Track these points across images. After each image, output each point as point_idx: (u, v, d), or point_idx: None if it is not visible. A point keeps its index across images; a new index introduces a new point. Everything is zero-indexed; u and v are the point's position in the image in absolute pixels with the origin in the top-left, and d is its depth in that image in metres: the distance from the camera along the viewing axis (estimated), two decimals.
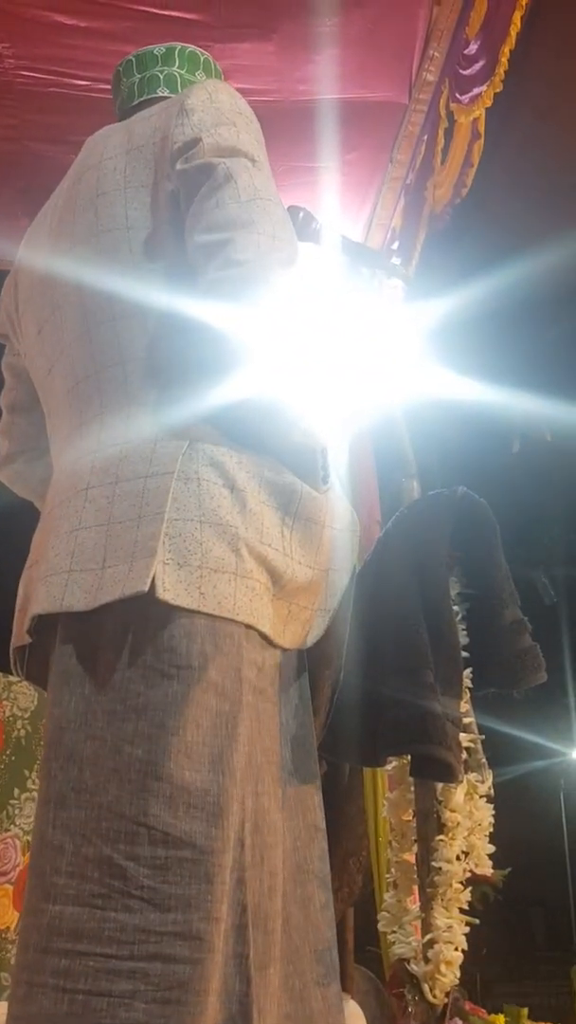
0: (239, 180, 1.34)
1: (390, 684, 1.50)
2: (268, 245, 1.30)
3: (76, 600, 1.27)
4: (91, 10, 2.51)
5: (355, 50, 2.74)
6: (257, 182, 1.36)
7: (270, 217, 1.33)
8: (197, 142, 1.37)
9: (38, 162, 2.90)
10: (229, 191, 1.33)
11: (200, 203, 1.35)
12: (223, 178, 1.34)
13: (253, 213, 1.32)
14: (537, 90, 2.75)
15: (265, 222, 1.32)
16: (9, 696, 3.83)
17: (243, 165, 1.36)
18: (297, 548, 1.36)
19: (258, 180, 1.36)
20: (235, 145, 1.38)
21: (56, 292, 1.50)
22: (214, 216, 1.32)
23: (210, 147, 1.37)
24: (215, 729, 1.23)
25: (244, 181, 1.34)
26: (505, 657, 1.57)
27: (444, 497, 1.63)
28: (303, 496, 1.35)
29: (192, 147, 1.37)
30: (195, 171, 1.36)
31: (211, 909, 1.16)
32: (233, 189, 1.33)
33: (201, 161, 1.36)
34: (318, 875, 1.42)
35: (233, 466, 1.31)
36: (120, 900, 1.16)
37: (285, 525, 1.34)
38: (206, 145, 1.37)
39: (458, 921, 1.56)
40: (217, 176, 1.34)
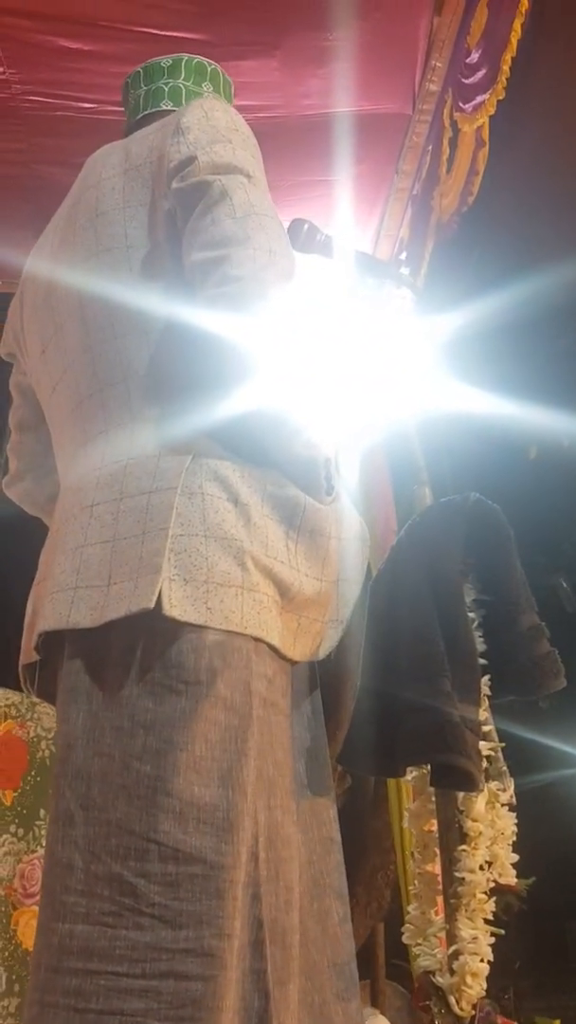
0: (234, 197, 1.35)
1: (407, 693, 1.49)
2: (264, 260, 1.30)
3: (82, 617, 1.28)
4: (94, 33, 2.54)
5: (358, 63, 2.75)
6: (253, 198, 1.36)
7: (266, 232, 1.33)
8: (192, 160, 1.38)
9: (46, 185, 2.93)
10: (225, 208, 1.34)
11: (196, 220, 1.35)
12: (218, 195, 1.35)
13: (249, 229, 1.32)
14: (541, 96, 2.74)
15: (261, 237, 1.32)
16: (33, 716, 3.83)
17: (238, 182, 1.37)
18: (303, 560, 1.35)
19: (254, 196, 1.37)
20: (230, 162, 1.39)
21: (59, 311, 1.51)
22: (210, 233, 1.33)
23: (205, 165, 1.37)
24: (224, 744, 1.23)
25: (240, 197, 1.35)
26: (523, 663, 1.56)
27: (456, 504, 1.63)
28: (307, 508, 1.35)
29: (188, 165, 1.38)
30: (191, 189, 1.37)
31: (223, 925, 1.16)
32: (228, 206, 1.34)
33: (196, 179, 1.37)
34: (335, 888, 1.41)
35: (236, 480, 1.31)
36: (131, 918, 1.16)
37: (290, 538, 1.34)
38: (201, 163, 1.37)
39: (483, 932, 1.55)
40: (212, 193, 1.35)
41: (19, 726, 3.73)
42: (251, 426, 1.33)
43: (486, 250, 3.31)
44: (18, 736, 3.73)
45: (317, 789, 1.44)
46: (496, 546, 1.61)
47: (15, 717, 3.73)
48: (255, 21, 2.59)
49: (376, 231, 3.40)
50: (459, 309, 2.56)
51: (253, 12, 2.55)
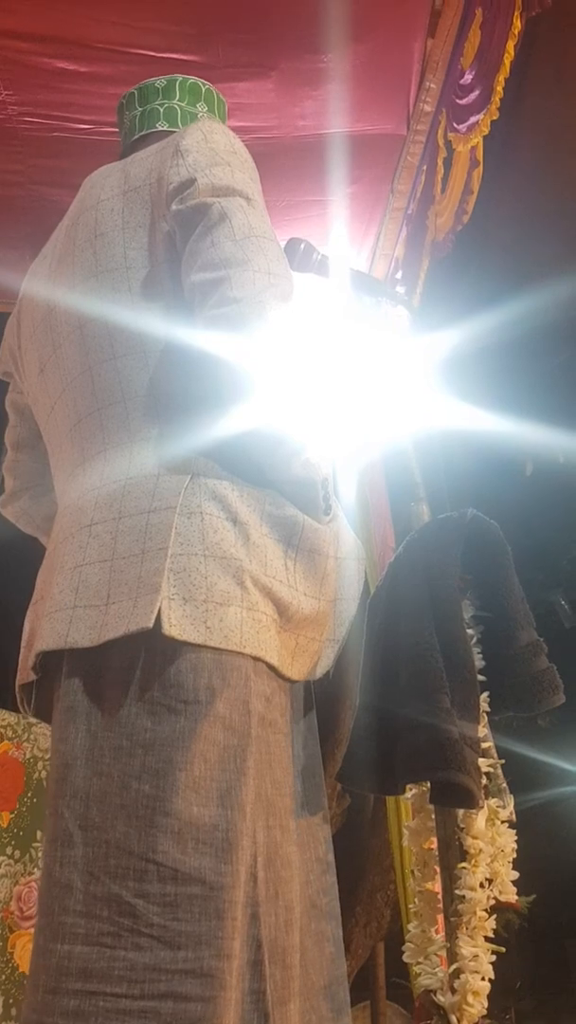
0: (234, 219, 1.36)
1: (406, 710, 1.49)
2: (264, 282, 1.31)
3: (81, 636, 1.28)
4: (91, 55, 2.55)
5: (352, 84, 2.77)
6: (252, 220, 1.37)
7: (265, 254, 1.34)
8: (192, 182, 1.39)
9: (44, 205, 2.94)
10: (224, 230, 1.35)
11: (196, 242, 1.36)
12: (218, 217, 1.36)
13: (248, 251, 1.33)
14: (534, 116, 2.77)
15: (260, 259, 1.33)
16: (30, 737, 3.81)
17: (238, 204, 1.38)
18: (302, 580, 1.36)
19: (253, 218, 1.38)
20: (230, 184, 1.39)
21: (57, 331, 1.52)
22: (210, 255, 1.34)
23: (205, 187, 1.38)
24: (223, 763, 1.23)
25: (239, 220, 1.36)
26: (521, 679, 1.56)
27: (453, 520, 1.63)
28: (305, 528, 1.35)
29: (187, 187, 1.39)
30: (190, 211, 1.38)
31: (222, 946, 1.15)
32: (228, 228, 1.35)
33: (196, 201, 1.38)
34: (328, 910, 1.41)
35: (235, 500, 1.32)
36: (130, 938, 1.15)
37: (288, 557, 1.34)
38: (201, 185, 1.38)
39: (484, 950, 1.54)
40: (212, 215, 1.36)
41: (15, 747, 3.71)
42: (249, 446, 1.34)
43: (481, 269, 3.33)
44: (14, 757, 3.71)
45: (313, 809, 1.43)
46: (494, 562, 1.61)
47: (11, 738, 3.71)
48: (251, 43, 2.60)
49: (372, 250, 3.41)
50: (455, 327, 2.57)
51: (249, 34, 2.57)
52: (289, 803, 1.34)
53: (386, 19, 2.63)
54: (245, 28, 2.55)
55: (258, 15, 2.53)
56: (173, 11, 2.50)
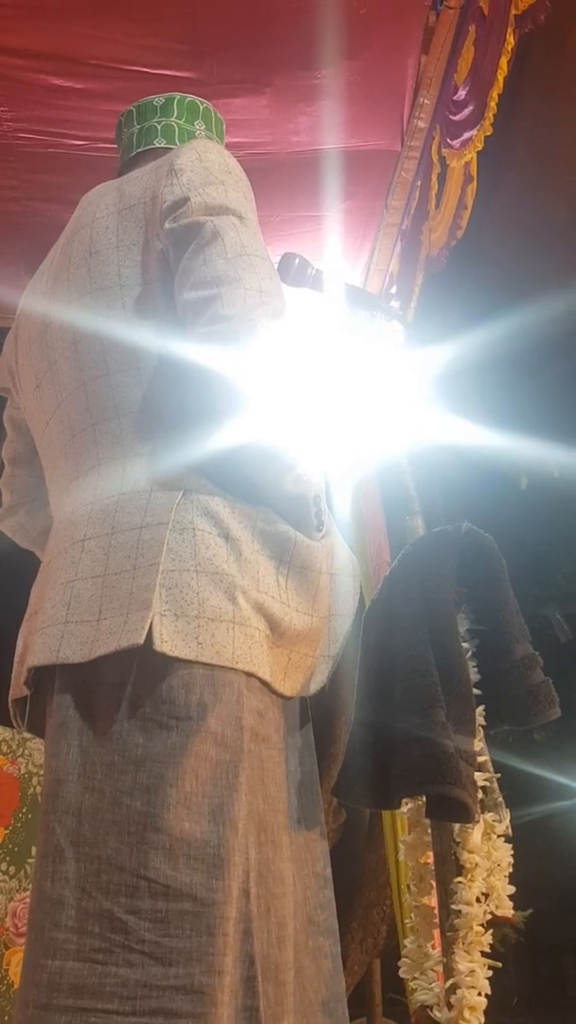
0: (226, 237, 1.36)
1: (401, 724, 1.49)
2: (255, 300, 1.32)
3: (72, 652, 1.28)
4: (85, 72, 2.56)
5: (346, 101, 2.79)
6: (244, 238, 1.38)
7: (257, 272, 1.35)
8: (185, 201, 1.40)
9: (39, 221, 2.95)
10: (216, 248, 1.35)
11: (188, 261, 1.37)
12: (210, 236, 1.36)
13: (240, 269, 1.34)
14: (528, 132, 2.79)
15: (252, 277, 1.34)
16: (24, 753, 3.80)
17: (230, 223, 1.38)
18: (294, 596, 1.36)
19: (245, 237, 1.38)
20: (223, 203, 1.40)
21: (53, 348, 1.52)
22: (202, 273, 1.34)
23: (198, 206, 1.39)
24: (215, 779, 1.23)
25: (231, 238, 1.36)
26: (517, 693, 1.56)
27: (448, 533, 1.63)
28: (297, 544, 1.36)
29: (180, 206, 1.40)
30: (183, 230, 1.39)
31: (213, 962, 1.15)
32: (220, 246, 1.35)
33: (189, 220, 1.38)
34: (326, 925, 1.41)
35: (227, 516, 1.32)
36: (121, 954, 1.15)
37: (280, 574, 1.35)
38: (194, 204, 1.39)
39: (481, 965, 1.53)
40: (204, 234, 1.37)
41: (10, 762, 3.70)
42: (241, 463, 1.34)
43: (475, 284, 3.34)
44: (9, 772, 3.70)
45: (309, 824, 1.43)
46: (489, 576, 1.61)
47: (6, 753, 3.70)
48: (245, 60, 2.62)
49: (366, 265, 3.42)
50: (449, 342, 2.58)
51: (243, 51, 2.59)
52: (282, 819, 1.34)
53: (380, 36, 2.65)
54: (239, 45, 2.57)
55: (252, 32, 2.55)
56: (168, 28, 2.51)
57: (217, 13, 2.49)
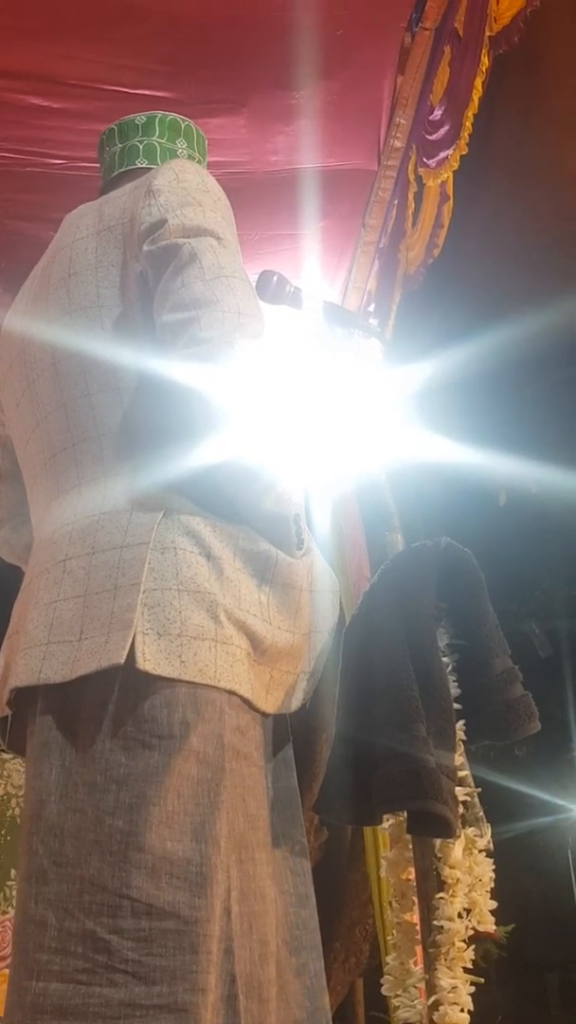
0: (203, 259, 1.37)
1: (382, 739, 1.49)
2: (233, 321, 1.32)
3: (54, 672, 1.28)
4: (64, 92, 2.57)
5: (324, 121, 2.81)
6: (222, 260, 1.38)
7: (234, 294, 1.35)
8: (163, 223, 1.40)
9: (18, 239, 2.95)
10: (194, 270, 1.36)
11: (167, 283, 1.37)
12: (188, 258, 1.37)
13: (217, 291, 1.34)
14: (503, 151, 2.82)
15: (229, 299, 1.34)
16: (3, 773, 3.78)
17: (208, 244, 1.39)
18: (276, 614, 1.36)
19: (223, 258, 1.39)
20: (200, 224, 1.40)
21: (32, 368, 1.53)
22: (180, 295, 1.35)
23: (175, 228, 1.39)
24: (197, 798, 1.23)
25: (209, 260, 1.37)
26: (497, 707, 1.56)
27: (427, 548, 1.64)
28: (279, 563, 1.36)
29: (158, 228, 1.40)
30: (161, 252, 1.39)
31: (197, 980, 1.14)
32: (198, 268, 1.36)
33: (166, 242, 1.39)
34: (309, 942, 1.40)
35: (208, 535, 1.32)
36: (105, 974, 1.15)
37: (262, 592, 1.35)
38: (171, 226, 1.39)
39: (463, 981, 1.53)
40: (182, 256, 1.37)
41: None
42: (221, 482, 1.35)
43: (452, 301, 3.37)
44: None
45: (290, 842, 1.43)
46: (468, 590, 1.62)
47: None
48: (223, 80, 2.64)
49: (344, 284, 3.45)
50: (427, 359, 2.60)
51: (221, 71, 2.61)
52: (263, 836, 1.34)
53: (356, 57, 2.67)
54: (217, 65, 2.59)
55: (230, 52, 2.56)
56: (146, 48, 2.53)
57: (195, 34, 2.51)
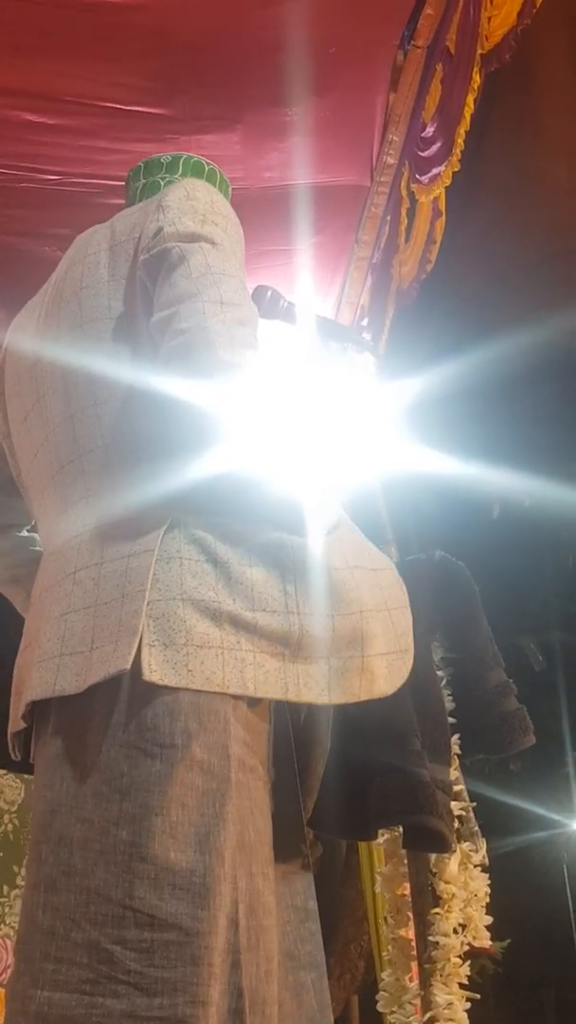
0: (191, 260, 1.37)
1: (377, 754, 1.48)
2: (212, 310, 1.30)
3: (68, 684, 1.28)
4: (58, 108, 2.59)
5: (317, 137, 2.83)
6: (211, 260, 1.38)
7: (218, 287, 1.34)
8: (159, 231, 1.41)
9: (12, 255, 2.96)
10: (181, 270, 1.36)
11: (159, 287, 1.38)
12: (176, 260, 1.37)
13: (200, 285, 1.33)
14: (495, 167, 2.84)
15: (211, 291, 1.33)
16: None
17: (199, 247, 1.39)
18: (305, 601, 1.32)
19: (212, 258, 1.38)
20: (194, 231, 1.41)
21: (42, 382, 1.54)
22: (166, 295, 1.35)
23: (170, 235, 1.40)
24: (201, 808, 1.22)
25: (196, 260, 1.37)
26: (491, 721, 1.56)
27: (421, 562, 1.64)
28: (295, 548, 1.33)
29: (155, 236, 1.41)
30: (154, 258, 1.40)
31: (198, 992, 1.14)
32: (185, 268, 1.36)
33: (159, 248, 1.40)
34: (310, 958, 1.39)
35: (214, 540, 1.32)
36: (108, 985, 1.14)
37: (287, 581, 1.32)
38: (166, 233, 1.40)
39: (459, 997, 1.52)
40: (172, 259, 1.38)
41: None
42: (229, 486, 1.34)
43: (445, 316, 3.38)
44: None
45: (291, 857, 1.42)
46: (462, 603, 1.62)
47: None
48: (217, 97, 2.65)
49: (337, 299, 3.46)
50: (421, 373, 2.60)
51: (215, 89, 2.62)
52: (268, 851, 1.33)
53: (349, 74, 2.69)
54: (211, 82, 2.60)
55: (224, 70, 2.58)
56: (140, 66, 2.54)
57: (189, 51, 2.52)
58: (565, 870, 12.92)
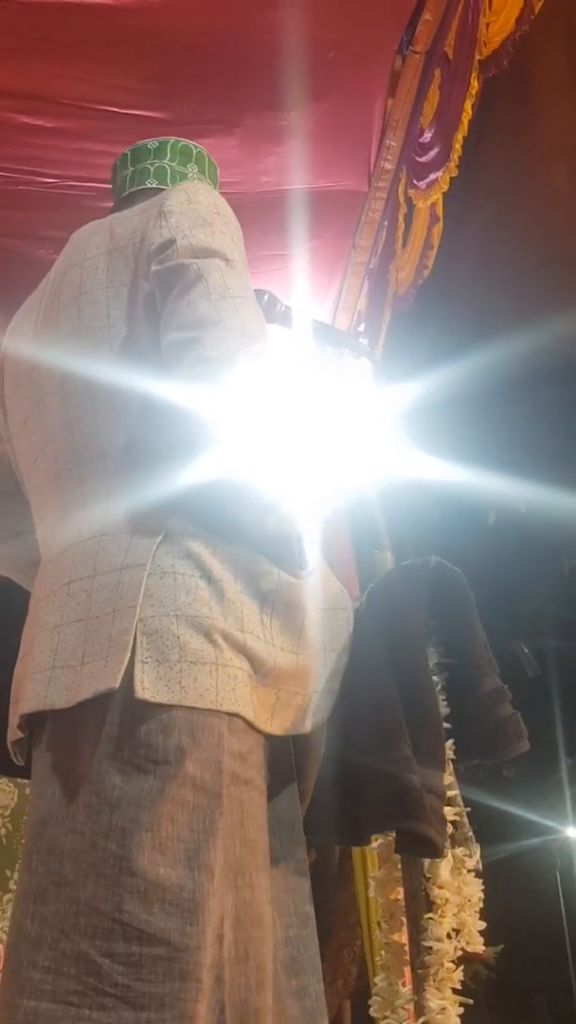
0: (210, 279, 1.37)
1: (367, 760, 1.48)
2: (236, 342, 1.32)
3: (58, 697, 1.29)
4: (56, 111, 2.58)
5: (315, 142, 2.83)
6: (229, 281, 1.38)
7: (240, 314, 1.35)
8: (172, 243, 1.40)
9: (8, 257, 2.95)
10: (200, 290, 1.36)
11: (173, 303, 1.38)
12: (194, 278, 1.37)
13: (222, 311, 1.34)
14: (492, 173, 2.84)
15: (234, 319, 1.34)
16: None
17: (215, 265, 1.39)
18: (278, 635, 1.36)
19: (230, 279, 1.39)
20: (208, 246, 1.41)
21: (40, 387, 1.53)
22: (185, 315, 1.35)
23: (184, 248, 1.40)
24: (191, 824, 1.22)
25: (215, 280, 1.37)
26: (486, 726, 1.55)
27: (417, 567, 1.63)
28: (280, 583, 1.36)
29: (167, 248, 1.41)
30: (168, 272, 1.39)
31: (185, 1008, 1.13)
32: (204, 288, 1.36)
33: (174, 262, 1.39)
34: (311, 964, 1.39)
35: (208, 557, 1.32)
36: (95, 997, 1.14)
37: (264, 613, 1.35)
38: (180, 247, 1.40)
39: (452, 1002, 1.52)
40: (189, 276, 1.37)
41: None
42: (224, 503, 1.35)
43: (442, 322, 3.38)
44: None
45: (292, 864, 1.42)
46: (458, 609, 1.61)
47: None
48: (215, 101, 2.65)
49: (334, 304, 3.46)
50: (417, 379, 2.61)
51: (213, 92, 2.62)
52: (261, 860, 1.32)
53: (347, 79, 2.70)
54: (209, 86, 2.60)
55: (222, 73, 2.58)
56: (138, 69, 2.54)
57: (187, 54, 2.52)
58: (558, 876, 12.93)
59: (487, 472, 3.90)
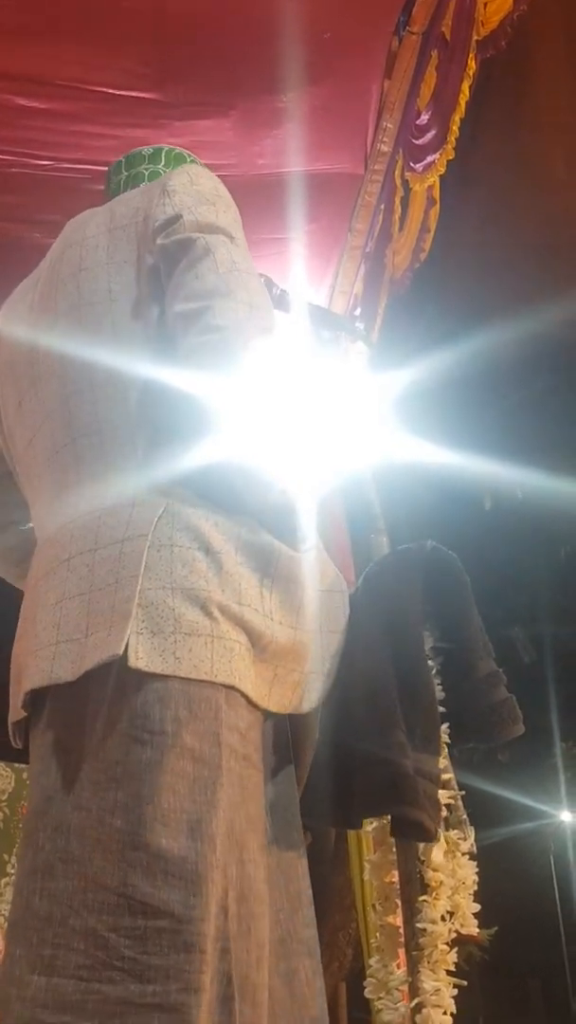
0: (217, 253, 1.38)
1: (361, 744, 1.48)
2: (246, 313, 1.33)
3: (64, 671, 1.28)
4: (50, 93, 2.57)
5: (311, 125, 2.82)
6: (235, 256, 1.40)
7: (247, 287, 1.37)
8: (178, 218, 1.42)
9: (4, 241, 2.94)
10: (208, 263, 1.37)
11: (180, 275, 1.39)
12: (202, 251, 1.38)
13: (231, 283, 1.36)
14: (489, 156, 2.83)
15: (242, 291, 1.36)
16: None
17: (221, 240, 1.41)
18: (277, 609, 1.36)
19: (236, 254, 1.40)
20: (213, 222, 1.42)
21: (38, 366, 1.53)
22: (193, 286, 1.36)
23: (190, 223, 1.41)
24: (192, 795, 1.22)
25: (222, 254, 1.38)
26: (480, 710, 1.55)
27: (413, 551, 1.63)
28: (281, 556, 1.36)
29: (173, 223, 1.42)
30: (175, 246, 1.41)
31: (191, 979, 1.14)
32: (212, 261, 1.37)
33: (181, 236, 1.40)
34: (305, 945, 1.40)
35: (208, 529, 1.32)
36: (103, 971, 1.15)
37: (264, 586, 1.34)
38: (186, 221, 1.41)
39: (446, 984, 1.52)
40: (196, 249, 1.39)
41: None
42: (225, 476, 1.35)
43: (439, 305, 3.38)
44: None
45: (287, 844, 1.43)
46: (453, 593, 1.61)
47: None
48: (210, 83, 2.64)
49: (331, 288, 3.45)
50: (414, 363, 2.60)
51: (208, 74, 2.61)
52: (262, 839, 1.33)
53: (344, 61, 2.68)
54: (204, 68, 2.59)
55: (217, 55, 2.57)
56: (133, 50, 2.53)
57: (182, 36, 2.51)
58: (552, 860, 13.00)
59: (483, 457, 3.90)
